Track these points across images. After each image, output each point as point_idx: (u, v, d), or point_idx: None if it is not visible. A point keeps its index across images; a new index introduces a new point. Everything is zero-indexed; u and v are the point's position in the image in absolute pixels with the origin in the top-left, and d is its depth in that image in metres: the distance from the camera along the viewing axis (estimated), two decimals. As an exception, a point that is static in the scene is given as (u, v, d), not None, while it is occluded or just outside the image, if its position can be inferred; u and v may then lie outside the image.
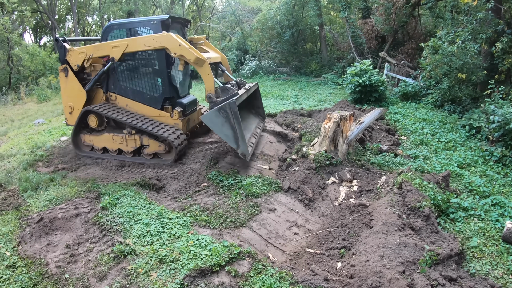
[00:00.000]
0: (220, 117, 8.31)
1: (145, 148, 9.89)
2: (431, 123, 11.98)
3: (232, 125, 8.28)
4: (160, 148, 9.67)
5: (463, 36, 12.23)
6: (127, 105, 10.37)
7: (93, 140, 10.39)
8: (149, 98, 10.15)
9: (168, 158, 9.75)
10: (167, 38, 8.89)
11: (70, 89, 10.57)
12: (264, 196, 7.50)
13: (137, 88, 10.21)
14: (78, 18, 42.28)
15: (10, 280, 5.35)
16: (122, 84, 10.28)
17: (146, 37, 9.16)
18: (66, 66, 10.38)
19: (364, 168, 8.73)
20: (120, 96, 10.43)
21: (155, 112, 10.12)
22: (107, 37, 10.17)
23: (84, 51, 10.00)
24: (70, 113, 10.72)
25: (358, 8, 25.88)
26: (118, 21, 10.27)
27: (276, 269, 5.27)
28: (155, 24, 9.53)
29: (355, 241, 5.93)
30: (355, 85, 15.57)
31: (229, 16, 34.88)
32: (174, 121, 10.00)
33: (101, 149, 10.39)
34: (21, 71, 32.81)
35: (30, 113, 19.86)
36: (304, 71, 26.96)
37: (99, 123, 10.27)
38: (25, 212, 7.37)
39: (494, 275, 5.19)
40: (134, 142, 9.86)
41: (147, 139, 9.74)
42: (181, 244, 5.78)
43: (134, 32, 9.95)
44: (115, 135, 10.00)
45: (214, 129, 8.57)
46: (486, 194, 7.37)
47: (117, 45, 9.55)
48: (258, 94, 11.73)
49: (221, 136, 8.56)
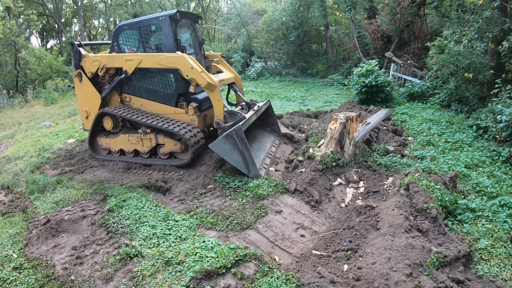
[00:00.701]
0: (228, 144, 8.25)
1: (160, 147, 9.80)
2: (438, 123, 11.92)
3: (241, 151, 8.22)
4: (176, 147, 9.56)
5: (470, 35, 12.15)
6: (142, 105, 10.31)
7: (109, 143, 10.43)
8: (163, 96, 10.03)
9: (185, 157, 9.61)
10: (180, 60, 8.92)
11: (84, 94, 10.62)
12: (271, 198, 7.47)
13: (151, 86, 10.10)
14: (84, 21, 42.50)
15: (17, 282, 5.36)
16: (136, 84, 10.21)
17: (160, 56, 9.16)
18: (80, 72, 10.42)
19: (371, 169, 8.69)
20: (134, 96, 10.37)
21: (170, 109, 9.97)
22: (118, 38, 10.18)
23: (98, 59, 10.03)
24: (87, 118, 10.76)
25: (364, 8, 25.81)
26: (127, 22, 10.18)
27: (282, 272, 5.25)
28: (164, 20, 9.46)
29: (361, 243, 5.90)
30: (361, 85, 15.53)
31: (234, 17, 34.90)
32: (190, 117, 9.83)
33: (118, 151, 10.42)
34: (28, 74, 33.07)
35: (37, 115, 19.99)
36: (310, 72, 26.92)
37: (114, 125, 10.27)
38: (32, 214, 7.41)
39: (502, 277, 5.14)
40: (149, 141, 9.77)
41: (163, 138, 9.64)
42: (187, 246, 5.77)
43: (147, 30, 9.88)
44: (130, 135, 9.96)
45: (223, 156, 8.43)
46: (494, 195, 7.30)
47: (130, 59, 9.63)
48: (271, 111, 11.48)
49: (231, 163, 8.41)
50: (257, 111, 10.12)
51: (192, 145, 9.08)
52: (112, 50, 10.35)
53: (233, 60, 30.06)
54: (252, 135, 10.33)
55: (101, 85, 10.69)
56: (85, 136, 13.31)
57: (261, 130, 11.17)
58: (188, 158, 9.41)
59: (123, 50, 10.23)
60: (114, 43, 10.26)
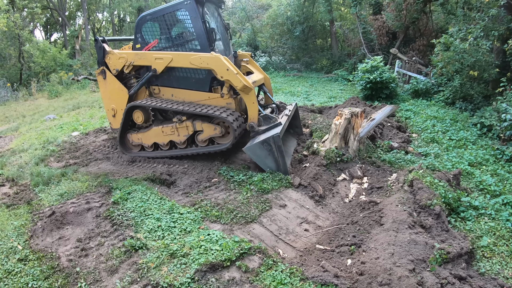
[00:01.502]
0: (264, 150, 8.17)
1: (199, 134, 9.30)
2: (442, 120, 11.91)
3: (276, 158, 8.15)
4: (215, 131, 9.00)
5: (475, 33, 12.11)
6: (172, 95, 9.75)
7: (141, 138, 9.97)
8: (195, 82, 9.46)
9: (225, 142, 9.10)
10: (215, 61, 8.59)
11: (110, 91, 10.20)
12: (275, 192, 7.50)
13: (181, 74, 9.54)
14: (89, 14, 42.43)
15: (22, 273, 5.41)
16: (164, 73, 9.57)
17: (193, 55, 8.81)
18: (103, 69, 10.03)
19: (375, 165, 8.71)
20: (163, 87, 9.85)
21: (204, 95, 9.40)
22: (141, 29, 9.68)
23: (125, 56, 9.68)
24: (114, 116, 10.36)
25: (369, 4, 25.74)
26: (149, 11, 9.68)
27: (287, 265, 5.28)
28: (190, 3, 8.90)
29: (365, 238, 5.92)
30: (366, 81, 15.50)
31: (239, 12, 34.81)
32: (226, 101, 9.22)
33: (151, 146, 9.97)
34: (32, 67, 33.13)
35: (41, 108, 20.06)
36: (314, 67, 26.88)
37: (146, 118, 9.84)
38: (36, 207, 7.45)
39: (504, 275, 5.16)
40: (186, 129, 9.27)
41: (200, 124, 9.14)
42: (192, 239, 5.81)
43: (170, 18, 9.38)
44: (164, 126, 9.49)
45: (257, 161, 8.35)
46: (497, 193, 7.32)
47: (160, 58, 9.27)
48: (297, 114, 11.18)
49: (263, 168, 8.33)
50: (289, 116, 9.84)
51: (235, 129, 8.65)
52: (136, 42, 9.87)
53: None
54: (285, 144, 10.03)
55: (126, 80, 10.29)
56: (89, 129, 13.38)
57: (286, 134, 10.70)
58: (230, 142, 8.94)
59: (147, 40, 9.71)
60: (138, 35, 9.76)
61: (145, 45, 9.72)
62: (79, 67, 30.97)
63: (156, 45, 9.66)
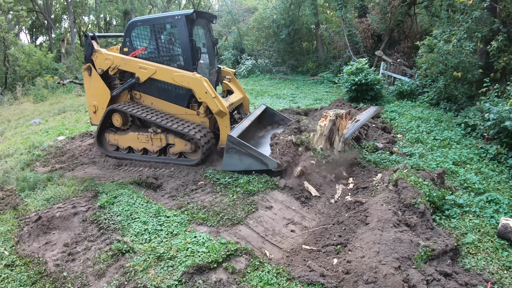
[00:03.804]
0: (233, 155, 8.46)
1: (171, 147, 9.71)
2: (426, 121, 12.04)
3: (247, 153, 8.33)
4: (186, 147, 9.47)
5: (459, 34, 12.26)
6: (152, 103, 10.14)
7: (118, 140, 10.27)
8: (175, 96, 9.85)
9: (195, 158, 9.53)
10: (196, 83, 9.04)
11: (94, 88, 10.43)
12: (261, 194, 7.54)
13: (163, 86, 9.87)
14: (74, 17, 42.15)
15: (9, 279, 5.39)
16: (147, 82, 9.90)
17: (176, 72, 9.22)
18: (90, 65, 10.22)
19: (360, 165, 8.78)
20: (145, 94, 10.19)
21: (181, 110, 9.82)
22: (130, 34, 9.93)
23: (111, 58, 9.89)
24: (95, 113, 10.58)
25: (354, 7, 25.93)
26: (141, 18, 9.98)
27: (273, 266, 5.32)
28: (180, 19, 9.21)
29: (351, 238, 5.98)
30: (351, 83, 15.59)
31: (225, 15, 34.84)
32: (201, 119, 9.67)
33: (126, 149, 10.28)
34: (17, 71, 32.83)
35: (26, 113, 19.87)
36: (300, 70, 26.96)
37: (124, 122, 10.16)
38: (23, 212, 7.40)
39: (489, 270, 5.24)
40: (159, 141, 9.70)
41: (173, 138, 9.56)
42: (179, 241, 5.83)
43: (160, 28, 9.68)
44: (140, 134, 9.86)
45: (238, 168, 8.56)
46: (481, 191, 7.43)
47: (145, 68, 9.58)
48: (273, 111, 11.67)
49: (250, 169, 8.46)
50: (248, 116, 10.23)
51: (203, 145, 9.03)
52: (124, 45, 10.09)
53: (223, 57, 30.05)
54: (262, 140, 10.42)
55: (111, 80, 10.54)
56: (75, 133, 13.29)
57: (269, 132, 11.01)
58: (198, 158, 9.35)
59: (135, 46, 9.99)
60: (127, 39, 10.01)
61: (133, 50, 9.95)
62: (65, 71, 30.76)
63: (143, 53, 9.89)
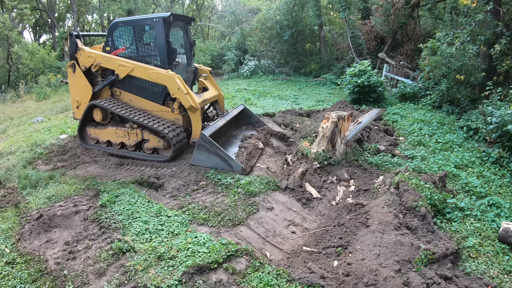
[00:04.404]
0: (203, 152, 8.97)
1: (145, 142, 10.20)
2: (429, 124, 12.02)
3: (215, 152, 8.78)
4: (159, 143, 9.96)
5: (462, 37, 12.27)
6: (131, 100, 10.70)
7: (98, 134, 10.80)
8: (152, 94, 10.38)
9: (167, 154, 10.00)
10: (169, 79, 9.58)
11: (77, 85, 10.99)
12: (262, 195, 7.54)
13: (141, 84, 10.42)
14: (78, 16, 42.27)
15: (10, 276, 5.38)
16: (127, 80, 10.48)
17: (151, 70, 9.80)
18: (74, 63, 10.77)
19: (362, 168, 8.77)
20: (124, 91, 10.74)
21: (157, 107, 10.38)
22: (112, 34, 10.48)
23: (93, 56, 10.46)
24: (77, 108, 11.19)
25: (358, 8, 25.89)
26: (123, 19, 10.64)
27: (273, 267, 5.31)
28: (157, 21, 9.78)
29: (351, 240, 5.97)
30: (354, 85, 15.59)
31: (228, 15, 34.89)
32: (175, 116, 10.26)
33: (105, 142, 10.80)
34: (20, 69, 32.84)
35: (29, 111, 19.88)
36: (303, 71, 26.94)
37: (104, 117, 10.69)
38: (24, 209, 7.40)
39: (490, 274, 5.24)
40: (135, 136, 10.16)
41: (148, 134, 10.04)
42: (180, 241, 5.82)
43: (140, 29, 10.19)
44: (118, 128, 10.34)
45: (206, 165, 9.05)
46: (482, 195, 7.42)
47: (123, 65, 10.16)
48: (249, 112, 12.07)
49: (216, 167, 8.92)
50: (225, 116, 10.67)
51: (174, 144, 9.56)
52: (107, 44, 10.65)
53: (226, 58, 30.06)
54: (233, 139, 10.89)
55: (93, 76, 11.06)
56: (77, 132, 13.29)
57: (243, 132, 11.61)
58: (169, 155, 9.84)
59: (116, 45, 10.54)
60: (109, 38, 10.57)
61: (114, 49, 10.59)
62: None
63: (124, 52, 10.45)
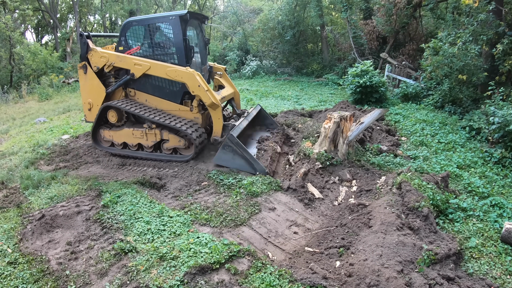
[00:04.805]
0: (228, 153, 8.85)
1: (165, 142, 9.96)
2: (431, 124, 12.01)
3: (241, 154, 8.66)
4: (180, 143, 9.76)
5: (464, 37, 12.25)
6: (146, 100, 10.45)
7: (113, 136, 10.47)
8: (169, 93, 10.18)
9: (188, 154, 9.80)
10: (189, 77, 9.35)
11: (89, 86, 10.66)
12: (264, 195, 7.55)
13: (157, 83, 10.21)
14: (80, 17, 42.26)
15: (12, 277, 5.39)
16: (142, 79, 10.23)
17: (170, 67, 9.54)
18: (85, 64, 10.47)
19: (364, 168, 8.76)
20: (139, 91, 10.49)
21: (175, 106, 10.16)
22: (125, 33, 10.24)
23: (106, 56, 10.18)
24: (89, 110, 10.85)
25: (360, 9, 25.84)
26: (136, 18, 10.31)
27: (276, 267, 5.31)
28: (174, 19, 9.58)
29: (354, 240, 5.96)
30: (356, 85, 15.59)
31: (230, 16, 34.90)
32: (194, 115, 10.05)
33: (121, 144, 10.48)
34: (22, 69, 32.91)
35: (31, 111, 19.90)
36: (305, 71, 26.96)
37: (119, 118, 10.36)
38: (26, 210, 7.41)
39: (492, 275, 5.22)
40: (154, 136, 9.93)
41: (167, 134, 9.82)
42: (182, 242, 5.82)
43: (154, 28, 9.99)
44: (135, 129, 10.08)
45: (228, 165, 8.94)
46: (485, 195, 7.40)
47: (139, 64, 9.88)
48: (265, 113, 11.97)
49: (238, 168, 8.81)
50: (247, 117, 10.54)
51: (197, 145, 9.36)
52: (120, 44, 10.39)
53: (228, 58, 30.08)
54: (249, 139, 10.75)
55: (106, 77, 10.80)
56: (79, 132, 13.31)
57: (257, 132, 11.55)
58: (191, 154, 9.63)
59: (130, 45, 10.29)
60: (122, 38, 10.32)
61: (128, 49, 10.27)
62: (70, 70, 30.81)
63: (138, 51, 10.17)
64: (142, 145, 10.25)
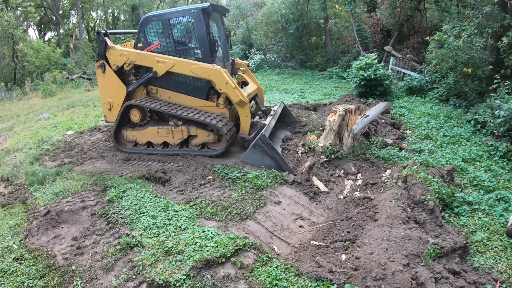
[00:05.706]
0: (258, 152, 8.62)
1: (192, 138, 9.78)
2: (436, 117, 11.96)
3: (271, 155, 8.48)
4: (209, 137, 9.55)
5: (469, 30, 12.16)
6: (170, 97, 10.14)
7: (136, 135, 10.24)
8: (193, 89, 9.88)
9: (218, 148, 9.61)
10: (216, 74, 9.07)
11: (108, 85, 10.30)
12: (269, 189, 7.53)
13: (180, 79, 9.89)
14: (82, 13, 42.22)
15: (18, 272, 5.42)
16: (164, 76, 9.88)
17: (195, 65, 9.21)
18: (103, 62, 10.12)
19: (369, 161, 8.74)
20: (161, 88, 10.19)
21: (200, 102, 9.87)
22: (144, 29, 9.87)
23: (126, 54, 9.83)
24: (109, 110, 10.46)
25: (363, 1, 25.76)
26: (156, 13, 10.00)
27: (281, 261, 5.31)
28: (196, 13, 9.22)
29: (359, 234, 5.95)
30: (360, 79, 15.53)
31: (233, 9, 34.78)
32: (221, 110, 9.75)
33: (145, 144, 10.27)
34: (26, 66, 32.94)
35: (35, 108, 19.97)
36: (309, 64, 26.87)
37: (142, 117, 10.13)
38: (32, 206, 7.45)
39: (498, 269, 5.20)
40: (181, 133, 9.72)
41: (195, 129, 9.61)
42: (187, 236, 5.82)
43: (175, 23, 9.76)
44: (160, 128, 9.87)
45: (256, 164, 8.71)
46: (490, 189, 7.37)
47: (162, 62, 9.56)
48: (287, 111, 11.65)
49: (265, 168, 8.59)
50: (274, 115, 10.35)
51: (228, 139, 9.18)
52: (138, 40, 10.03)
53: (232, 52, 29.99)
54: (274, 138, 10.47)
55: (125, 76, 10.50)
56: (84, 128, 13.34)
57: (279, 130, 11.29)
58: (222, 148, 9.44)
59: (150, 41, 9.92)
60: (141, 34, 9.94)
61: (148, 45, 9.90)
62: (73, 66, 30.87)
63: (158, 47, 9.83)
64: (168, 143, 10.07)
